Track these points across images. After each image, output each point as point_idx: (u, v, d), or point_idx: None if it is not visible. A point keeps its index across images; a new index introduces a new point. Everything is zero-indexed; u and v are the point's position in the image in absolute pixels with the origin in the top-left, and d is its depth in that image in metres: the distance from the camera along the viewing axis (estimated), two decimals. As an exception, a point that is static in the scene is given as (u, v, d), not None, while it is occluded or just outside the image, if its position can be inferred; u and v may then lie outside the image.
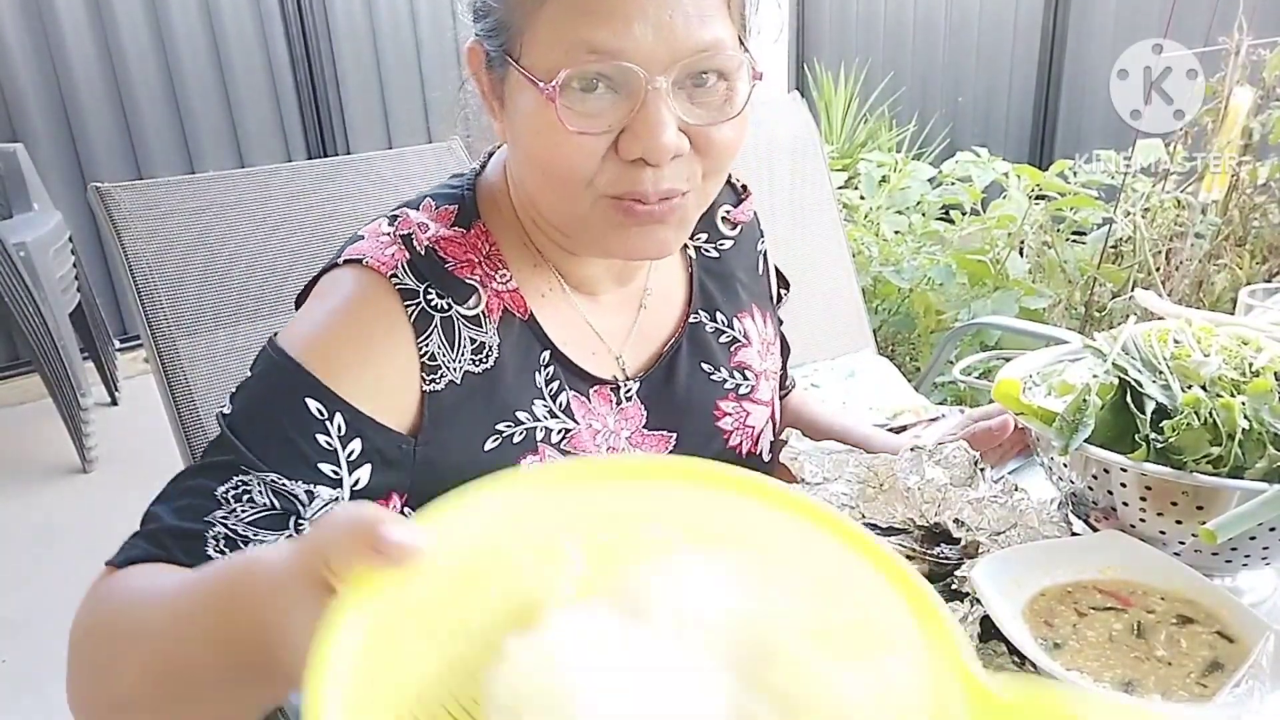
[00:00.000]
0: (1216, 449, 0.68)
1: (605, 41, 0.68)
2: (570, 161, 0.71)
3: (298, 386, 0.71)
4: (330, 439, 0.72)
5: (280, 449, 0.70)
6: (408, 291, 0.76)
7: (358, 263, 0.77)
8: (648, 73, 0.68)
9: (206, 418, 1.10)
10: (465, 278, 0.79)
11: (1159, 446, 0.70)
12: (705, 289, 0.95)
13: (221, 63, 3.93)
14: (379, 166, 1.27)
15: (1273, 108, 2.46)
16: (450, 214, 0.82)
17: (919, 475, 0.83)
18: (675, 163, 0.72)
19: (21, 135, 3.48)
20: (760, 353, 0.98)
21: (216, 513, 0.68)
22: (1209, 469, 0.68)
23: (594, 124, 0.70)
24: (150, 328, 1.08)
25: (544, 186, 0.76)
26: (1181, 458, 0.69)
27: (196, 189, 1.14)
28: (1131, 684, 0.62)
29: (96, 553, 0.72)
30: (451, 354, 0.77)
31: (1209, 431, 0.68)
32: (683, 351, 0.92)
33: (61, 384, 2.89)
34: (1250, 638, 0.65)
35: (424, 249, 0.78)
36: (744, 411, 0.95)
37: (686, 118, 0.71)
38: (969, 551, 0.77)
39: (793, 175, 1.79)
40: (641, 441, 0.88)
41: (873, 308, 2.82)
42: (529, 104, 0.72)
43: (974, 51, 4.87)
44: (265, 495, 0.70)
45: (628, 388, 0.88)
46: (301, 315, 0.78)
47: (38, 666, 2.14)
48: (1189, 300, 2.57)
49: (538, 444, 0.82)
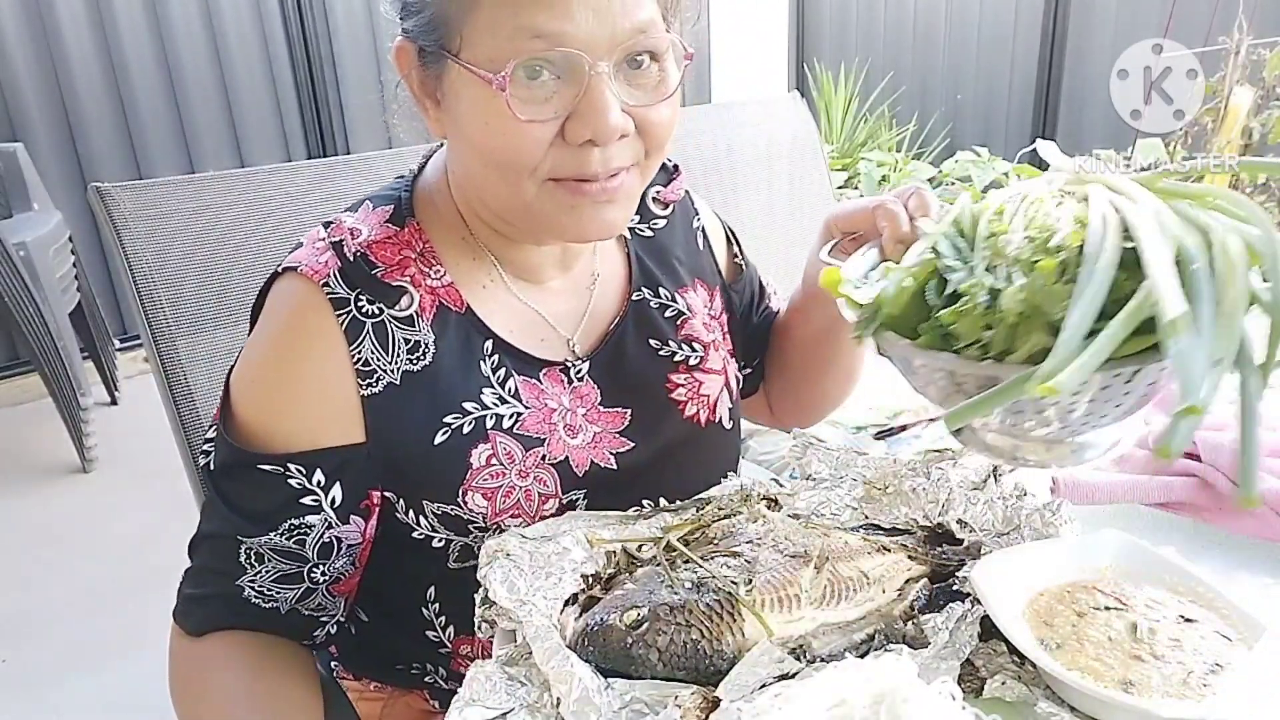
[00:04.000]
0: (990, 334, 0.64)
1: (547, 25, 0.69)
2: (520, 148, 0.73)
3: (244, 460, 0.80)
4: (296, 479, 0.79)
5: (265, 505, 0.80)
6: (339, 300, 0.79)
7: (294, 271, 0.81)
8: (591, 57, 0.71)
9: (206, 417, 1.09)
10: (394, 280, 0.82)
11: (942, 332, 0.66)
12: (644, 267, 0.97)
13: (221, 63, 3.93)
14: (378, 166, 1.27)
15: (1273, 108, 2.46)
16: (385, 214, 0.86)
17: (924, 477, 0.83)
18: (620, 142, 0.76)
19: (21, 135, 3.49)
20: (706, 325, 0.99)
21: (243, 578, 0.81)
22: (976, 354, 0.65)
23: (542, 110, 0.72)
24: (150, 328, 1.08)
25: (490, 177, 0.78)
26: (957, 344, 0.65)
27: (196, 189, 1.14)
28: (1131, 684, 0.62)
29: (96, 553, 0.73)
30: (386, 356, 0.80)
31: (990, 317, 0.64)
32: (629, 329, 0.94)
33: (61, 384, 2.89)
34: (1250, 638, 0.65)
35: (354, 255, 0.81)
36: (696, 381, 0.96)
37: (627, 100, 0.74)
38: (971, 552, 0.77)
39: (792, 175, 1.79)
40: (597, 419, 0.90)
41: (873, 308, 2.81)
42: (474, 96, 0.73)
43: (974, 51, 4.87)
44: (272, 559, 0.81)
45: (578, 368, 0.90)
46: (247, 347, 0.84)
47: (38, 666, 2.15)
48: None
49: (488, 432, 0.83)
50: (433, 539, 0.84)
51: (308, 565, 0.81)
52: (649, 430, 0.91)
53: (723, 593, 0.67)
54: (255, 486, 0.79)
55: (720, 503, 0.82)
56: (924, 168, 3.29)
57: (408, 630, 0.91)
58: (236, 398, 0.82)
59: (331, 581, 0.84)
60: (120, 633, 2.22)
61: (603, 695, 0.60)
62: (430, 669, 0.93)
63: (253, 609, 0.81)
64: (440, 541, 0.84)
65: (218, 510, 0.81)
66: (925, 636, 0.66)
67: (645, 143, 0.78)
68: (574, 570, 0.72)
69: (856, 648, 0.66)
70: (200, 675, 0.81)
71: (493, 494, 0.83)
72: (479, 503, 0.83)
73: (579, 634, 0.65)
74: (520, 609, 0.66)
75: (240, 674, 0.80)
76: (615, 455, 0.89)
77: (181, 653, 0.83)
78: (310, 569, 0.82)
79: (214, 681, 0.80)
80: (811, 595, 0.69)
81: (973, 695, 0.64)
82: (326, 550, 0.82)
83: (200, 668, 0.82)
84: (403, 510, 0.84)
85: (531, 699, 0.61)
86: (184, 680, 0.83)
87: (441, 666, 0.92)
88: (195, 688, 0.81)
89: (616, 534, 0.77)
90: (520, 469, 0.84)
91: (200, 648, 0.82)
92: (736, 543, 0.73)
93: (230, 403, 0.82)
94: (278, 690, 0.80)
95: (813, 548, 0.73)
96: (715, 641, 0.64)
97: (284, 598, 0.82)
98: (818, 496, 0.84)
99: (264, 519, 0.80)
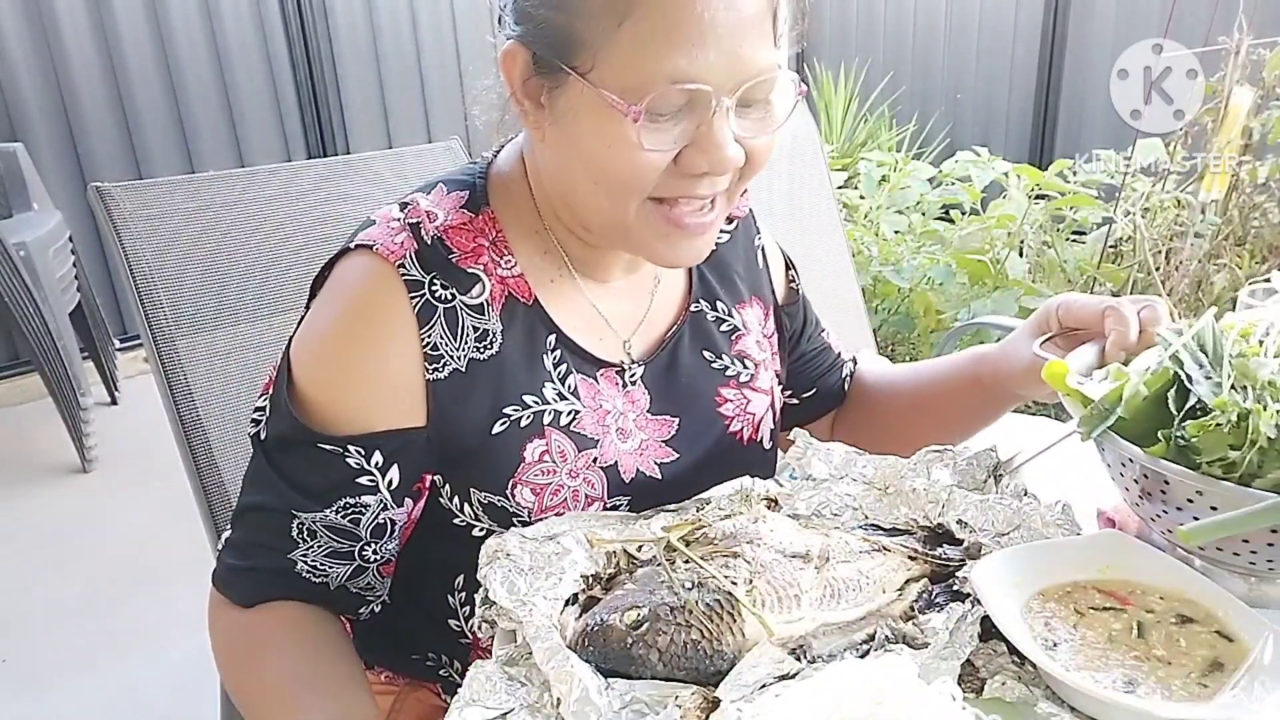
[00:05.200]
0: (1236, 453, 0.67)
1: (685, 70, 0.71)
2: (638, 174, 0.75)
3: (304, 438, 0.79)
4: (355, 459, 0.79)
5: (322, 482, 0.80)
6: (413, 283, 0.79)
7: (368, 249, 0.80)
8: (717, 95, 0.73)
9: (206, 417, 1.10)
10: (469, 267, 0.82)
11: (1181, 444, 0.69)
12: (705, 279, 0.98)
13: (221, 63, 3.93)
14: (378, 167, 1.27)
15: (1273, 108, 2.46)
16: (460, 199, 0.85)
17: (925, 477, 0.83)
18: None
19: (21, 135, 3.48)
20: (759, 343, 0.99)
21: (295, 552, 0.81)
22: (1219, 473, 0.67)
23: (664, 141, 0.74)
24: (150, 327, 1.08)
25: (596, 193, 0.79)
26: (1198, 458, 0.68)
27: (196, 189, 1.14)
28: (1131, 684, 0.62)
29: (96, 553, 0.73)
30: (455, 342, 0.81)
31: (1235, 436, 0.66)
32: (685, 338, 0.94)
33: (61, 384, 2.89)
34: (1250, 638, 0.65)
35: (431, 239, 0.81)
36: (744, 398, 0.96)
37: (740, 132, 0.76)
38: (972, 553, 0.77)
39: (792, 175, 1.79)
40: (645, 425, 0.90)
41: (873, 307, 2.82)
42: (599, 118, 0.74)
43: (974, 51, 4.87)
44: (325, 536, 0.81)
45: (632, 372, 0.90)
46: (311, 320, 0.84)
47: (38, 666, 2.15)
48: (1189, 300, 2.57)
49: (544, 428, 0.84)
50: (474, 528, 0.85)
51: (360, 544, 0.82)
52: (694, 442, 0.92)
53: (723, 593, 0.67)
54: (312, 463, 0.79)
55: (720, 503, 0.82)
56: (924, 168, 3.28)
57: (430, 617, 0.91)
58: (299, 372, 0.81)
59: (382, 562, 0.85)
60: (120, 633, 2.22)
61: (603, 695, 0.60)
62: (446, 661, 0.93)
63: (304, 583, 0.82)
64: (481, 531, 0.85)
65: (270, 483, 0.81)
66: (925, 636, 0.66)
67: (743, 171, 0.80)
68: (574, 570, 0.72)
69: (856, 648, 0.66)
70: (255, 649, 0.81)
71: (541, 490, 0.84)
72: (527, 497, 0.83)
73: (579, 634, 0.65)
74: (520, 609, 0.66)
75: (298, 650, 0.80)
76: (660, 465, 0.89)
77: (230, 622, 0.83)
78: (362, 548, 0.82)
79: (271, 657, 0.80)
80: (812, 595, 0.69)
81: (973, 695, 0.64)
82: (380, 531, 0.82)
83: (255, 640, 0.81)
84: (447, 496, 0.85)
85: (532, 699, 0.61)
86: (236, 651, 0.82)
87: (458, 660, 0.92)
88: (251, 661, 0.81)
89: (617, 534, 0.77)
90: (571, 469, 0.85)
91: (252, 618, 0.82)
92: (737, 543, 0.73)
93: (291, 374, 0.81)
94: (333, 670, 0.79)
95: (813, 548, 0.73)
96: (715, 642, 0.64)
97: (335, 574, 0.82)
98: (818, 496, 0.84)
99: (319, 495, 0.80)
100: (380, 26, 4.29)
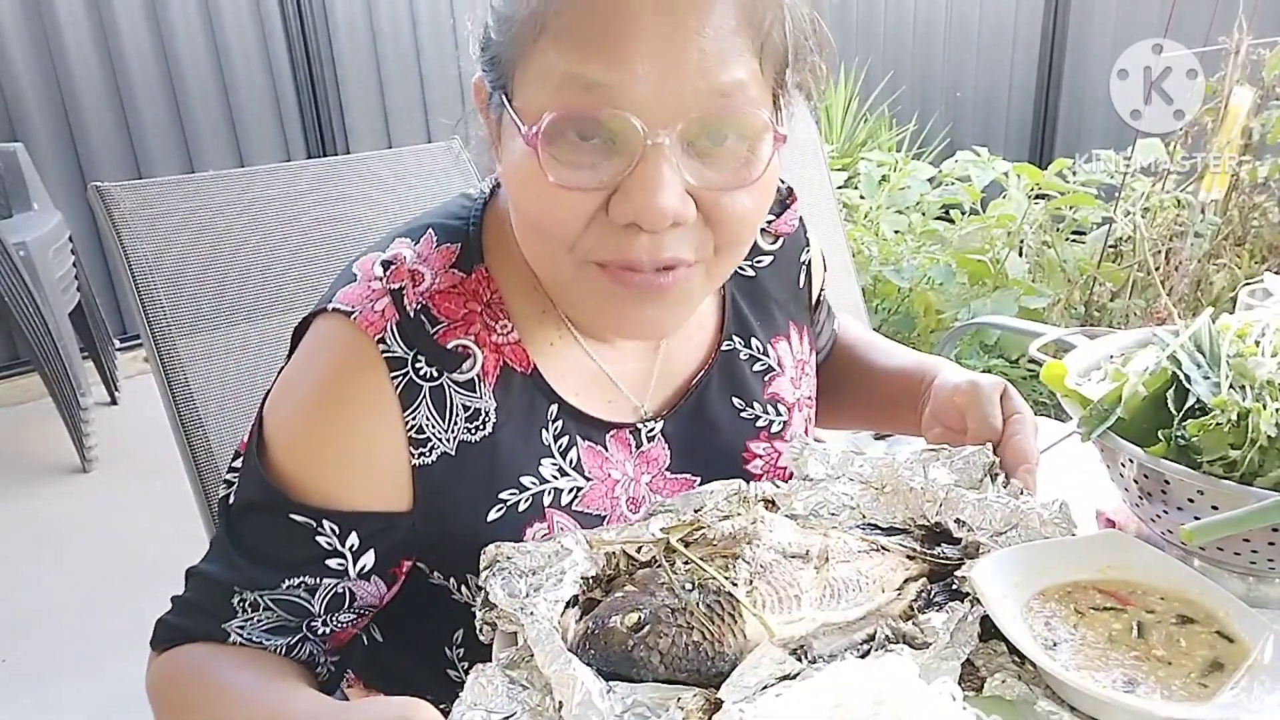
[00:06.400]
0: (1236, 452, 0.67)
1: (601, 77, 0.59)
2: (552, 217, 0.64)
3: (279, 506, 0.72)
4: (327, 539, 0.72)
5: (285, 556, 0.72)
6: (395, 360, 0.71)
7: (346, 317, 0.72)
8: (647, 126, 0.60)
9: (206, 417, 1.09)
10: (459, 339, 0.73)
11: (1181, 444, 0.69)
12: (739, 312, 0.88)
13: (221, 63, 3.93)
14: (378, 167, 1.27)
15: (1273, 108, 2.46)
16: (451, 255, 0.76)
17: (922, 476, 0.83)
18: (679, 230, 0.64)
19: (21, 135, 3.49)
20: (794, 380, 0.92)
21: (231, 622, 0.72)
22: (1220, 472, 0.68)
23: (580, 178, 0.62)
24: (150, 327, 1.08)
25: (529, 240, 0.70)
26: (1199, 458, 0.68)
27: (196, 188, 1.14)
28: (1131, 684, 0.62)
29: (96, 553, 0.73)
30: (443, 424, 0.72)
31: (1236, 435, 0.67)
32: (713, 384, 0.85)
33: (61, 384, 2.89)
34: (1250, 638, 0.64)
35: (414, 310, 0.72)
36: (774, 452, 0.89)
37: (694, 179, 0.62)
38: (970, 552, 0.77)
39: (792, 175, 1.79)
40: (663, 486, 0.82)
41: (873, 307, 2.82)
42: (515, 149, 0.65)
43: (974, 51, 4.87)
44: (272, 610, 0.72)
45: (650, 428, 0.82)
46: (286, 383, 0.76)
47: (38, 666, 2.15)
48: (1189, 300, 2.57)
49: (545, 510, 0.77)
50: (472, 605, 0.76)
51: (309, 619, 0.74)
52: None
53: (723, 594, 0.66)
54: (279, 533, 0.71)
55: (719, 504, 0.82)
56: (924, 168, 3.28)
57: (427, 664, 0.85)
58: (273, 436, 0.73)
59: (329, 633, 0.75)
60: (120, 633, 2.22)
61: (605, 699, 0.60)
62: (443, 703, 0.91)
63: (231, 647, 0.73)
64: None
65: (224, 552, 0.74)
66: (925, 636, 0.66)
67: (716, 236, 0.65)
68: (574, 571, 0.72)
69: (857, 647, 0.66)
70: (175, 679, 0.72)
71: None
72: None
73: (580, 637, 0.65)
74: (521, 612, 0.66)
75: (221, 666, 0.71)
76: None
77: (151, 671, 0.74)
78: (310, 622, 0.74)
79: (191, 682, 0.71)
80: (812, 595, 0.69)
81: (973, 694, 0.64)
82: (336, 603, 0.74)
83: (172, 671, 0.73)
84: (439, 577, 0.78)
85: (534, 703, 0.61)
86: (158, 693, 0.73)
87: None
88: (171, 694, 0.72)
89: (616, 536, 0.77)
90: None
91: (168, 656, 0.73)
92: (736, 544, 0.73)
93: (264, 438, 0.74)
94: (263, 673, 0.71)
95: (812, 548, 0.73)
96: (716, 643, 0.64)
97: (272, 645, 0.73)
98: (816, 497, 0.84)
99: (279, 568, 0.72)
100: (380, 27, 4.29)
